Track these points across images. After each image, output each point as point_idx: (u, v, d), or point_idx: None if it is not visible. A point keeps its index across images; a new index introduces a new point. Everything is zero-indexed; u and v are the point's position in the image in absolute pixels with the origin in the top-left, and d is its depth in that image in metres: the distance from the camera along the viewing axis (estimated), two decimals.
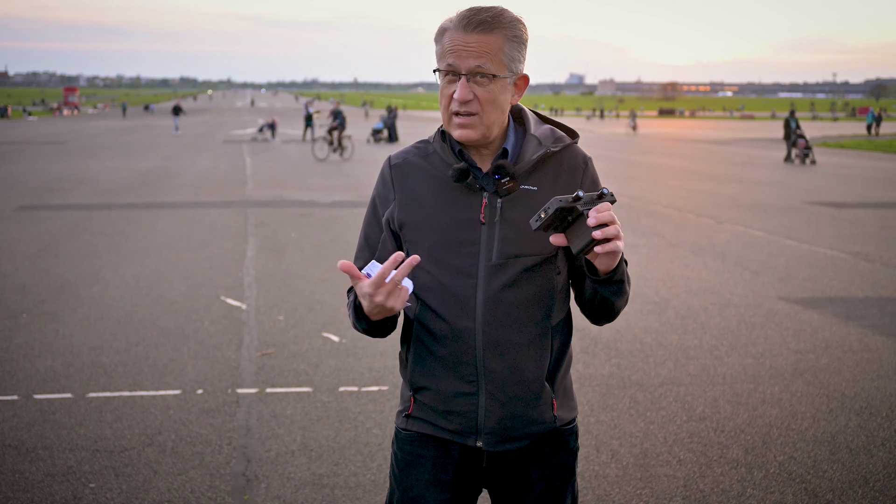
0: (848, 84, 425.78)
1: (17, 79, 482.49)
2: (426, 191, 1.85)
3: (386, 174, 1.92)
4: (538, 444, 1.93)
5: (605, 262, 1.70)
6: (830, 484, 3.87)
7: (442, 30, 1.80)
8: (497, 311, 1.81)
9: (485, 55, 1.75)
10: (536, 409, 1.87)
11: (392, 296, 1.66)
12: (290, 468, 4.01)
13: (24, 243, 10.11)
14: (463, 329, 1.81)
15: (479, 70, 1.75)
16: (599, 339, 6.21)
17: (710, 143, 39.62)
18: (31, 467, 3.97)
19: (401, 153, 1.94)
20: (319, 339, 6.16)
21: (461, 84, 1.75)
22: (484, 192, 1.83)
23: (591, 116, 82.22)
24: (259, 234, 11.07)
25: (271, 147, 31.46)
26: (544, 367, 1.87)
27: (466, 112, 1.77)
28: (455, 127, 1.80)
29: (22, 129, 45.03)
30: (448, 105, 1.80)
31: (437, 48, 1.82)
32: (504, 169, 1.80)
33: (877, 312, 7.08)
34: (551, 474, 1.95)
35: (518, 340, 1.83)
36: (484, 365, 1.82)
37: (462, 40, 1.75)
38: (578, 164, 1.89)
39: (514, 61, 1.79)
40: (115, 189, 16.55)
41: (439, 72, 1.80)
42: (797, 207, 14.46)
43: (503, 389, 1.83)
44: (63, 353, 5.74)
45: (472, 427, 1.86)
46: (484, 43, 1.75)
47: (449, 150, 1.85)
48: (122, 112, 71.67)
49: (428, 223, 1.84)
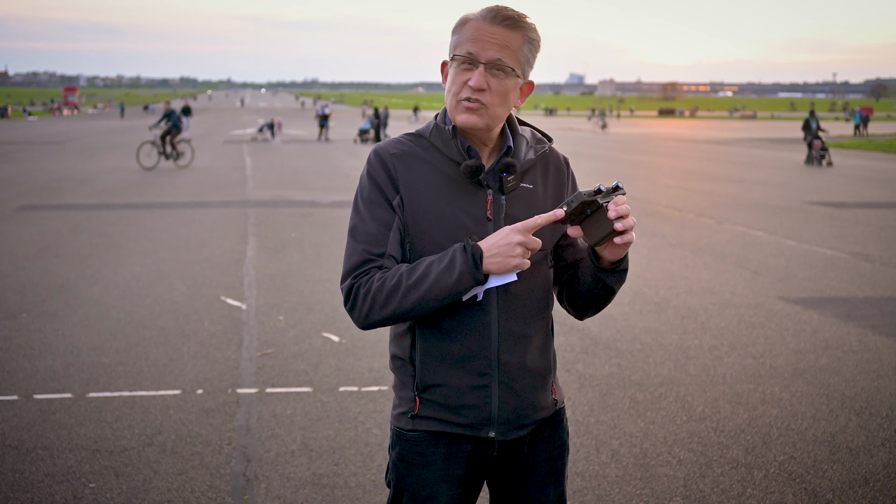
0: (848, 84, 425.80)
1: (17, 79, 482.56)
2: (431, 184, 1.85)
3: (387, 162, 1.87)
4: (540, 427, 1.99)
5: (617, 252, 1.79)
6: (830, 484, 3.87)
7: (464, 20, 1.83)
8: (510, 305, 1.87)
9: (506, 49, 1.79)
10: (543, 394, 1.96)
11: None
12: (290, 468, 4.01)
13: (24, 243, 10.11)
14: (480, 323, 1.85)
15: (498, 63, 1.79)
16: (599, 339, 6.21)
17: (709, 143, 39.63)
18: (31, 467, 3.97)
19: (394, 143, 1.91)
20: (319, 339, 6.16)
21: (478, 71, 1.79)
22: (488, 189, 1.86)
23: (592, 117, 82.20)
24: (259, 234, 11.07)
25: (271, 147, 31.46)
26: (549, 354, 1.97)
27: (477, 99, 1.80)
28: (462, 110, 1.82)
29: (22, 129, 45.03)
30: (459, 91, 1.82)
31: (455, 38, 1.84)
32: (513, 167, 1.85)
33: (877, 312, 7.08)
34: (553, 454, 2.02)
35: (528, 331, 1.90)
36: (498, 357, 1.87)
37: (487, 30, 1.79)
38: (562, 163, 2.00)
39: (527, 64, 1.85)
40: (115, 189, 16.55)
41: (457, 58, 1.82)
42: (797, 207, 14.46)
43: (516, 379, 1.89)
44: (63, 353, 5.74)
45: (485, 419, 1.89)
46: (507, 37, 1.80)
47: (457, 147, 1.85)
48: (120, 112, 71.31)
49: (436, 215, 1.84)
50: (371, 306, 1.79)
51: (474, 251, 1.72)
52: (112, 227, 11.58)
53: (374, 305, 1.79)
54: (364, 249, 1.84)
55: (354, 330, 6.34)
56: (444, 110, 1.91)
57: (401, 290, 1.76)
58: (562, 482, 2.04)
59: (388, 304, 1.77)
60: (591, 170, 21.87)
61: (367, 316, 1.80)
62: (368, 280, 1.81)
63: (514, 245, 1.71)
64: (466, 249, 1.73)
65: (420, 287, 1.75)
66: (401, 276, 1.77)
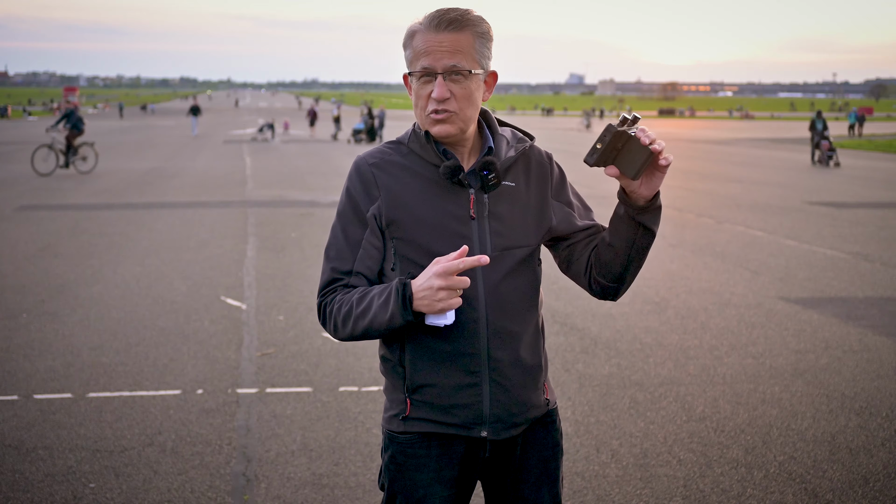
0: (848, 84, 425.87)
1: (17, 79, 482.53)
2: (412, 188, 1.87)
3: (365, 173, 1.89)
4: (533, 428, 1.99)
5: (654, 184, 1.79)
6: (830, 484, 3.87)
7: (411, 32, 1.84)
8: (498, 302, 1.87)
9: (458, 53, 1.80)
10: (535, 393, 1.96)
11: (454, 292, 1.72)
12: (290, 468, 4.01)
13: (24, 243, 10.11)
14: (468, 321, 1.85)
15: (454, 69, 1.79)
16: (599, 339, 6.21)
17: (709, 143, 39.62)
18: (31, 467, 3.97)
19: (374, 153, 1.93)
20: (319, 339, 6.16)
21: (438, 83, 1.79)
22: (470, 188, 1.87)
23: (592, 117, 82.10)
24: (259, 234, 11.07)
25: (271, 147, 31.47)
26: (539, 352, 1.97)
27: (444, 109, 1.81)
28: (432, 123, 1.83)
29: (22, 129, 45.03)
30: (425, 105, 1.83)
31: (408, 52, 1.85)
32: (493, 165, 1.85)
33: (877, 312, 7.08)
34: (546, 455, 2.01)
35: (517, 329, 1.91)
36: (489, 355, 1.87)
37: (435, 39, 1.79)
38: (544, 159, 2.00)
39: (484, 57, 1.85)
40: (115, 189, 16.56)
41: (413, 74, 1.83)
42: (797, 207, 14.47)
43: (507, 377, 1.89)
44: (63, 353, 5.75)
45: (477, 418, 1.89)
46: (456, 41, 1.80)
47: (433, 150, 1.87)
48: (118, 112, 70.98)
49: (419, 219, 1.85)
50: (335, 326, 1.88)
51: (405, 291, 1.74)
52: (112, 227, 11.58)
53: (336, 325, 1.87)
54: (332, 268, 1.92)
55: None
56: None
57: (351, 317, 1.83)
58: (556, 483, 2.03)
59: (345, 327, 1.85)
60: (591, 169, 21.84)
61: (334, 333, 1.89)
62: (332, 299, 1.89)
63: (436, 290, 1.70)
64: (398, 291, 1.75)
65: (364, 318, 1.81)
66: (352, 304, 1.84)
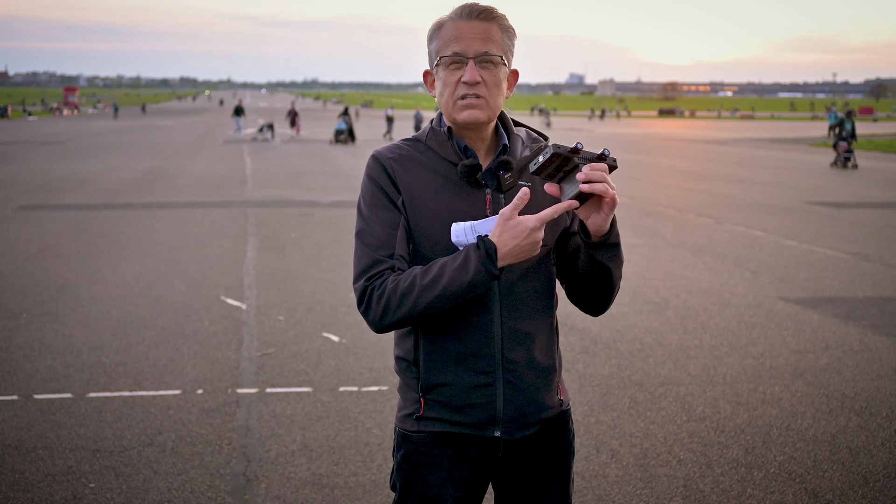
0: (848, 84, 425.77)
1: (17, 79, 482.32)
2: (430, 185, 1.87)
3: (387, 166, 1.89)
4: (546, 429, 1.98)
5: (597, 221, 1.75)
6: (830, 484, 3.87)
7: (439, 24, 1.86)
8: (513, 302, 1.87)
9: (489, 41, 1.82)
10: (548, 394, 1.95)
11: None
12: (290, 468, 4.01)
13: (24, 243, 10.11)
14: (483, 322, 1.85)
15: (485, 55, 1.81)
16: (599, 339, 6.21)
17: (710, 143, 39.63)
18: (31, 467, 3.97)
19: (391, 149, 1.94)
20: (319, 339, 6.16)
21: (470, 66, 1.81)
22: (486, 188, 1.87)
23: (592, 117, 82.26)
24: (259, 234, 11.07)
25: (271, 147, 31.46)
26: (554, 353, 1.97)
27: (475, 94, 1.82)
28: (462, 108, 1.83)
29: (22, 129, 45.03)
30: (453, 91, 1.83)
31: (435, 43, 1.86)
32: (509, 165, 1.85)
33: (877, 312, 7.08)
34: (559, 457, 2.01)
35: (532, 329, 1.90)
36: (503, 355, 1.87)
37: (467, 27, 1.82)
38: None
39: (509, 51, 1.87)
40: (115, 189, 16.55)
41: (444, 60, 1.83)
42: (797, 207, 14.47)
43: (521, 378, 1.89)
44: (63, 353, 5.74)
45: (490, 418, 1.89)
46: (486, 30, 1.83)
47: (453, 147, 1.87)
48: (113, 112, 69.98)
49: (436, 216, 1.85)
50: (385, 308, 1.79)
51: (487, 247, 1.72)
52: (112, 227, 11.58)
53: (388, 307, 1.79)
54: (372, 252, 1.84)
55: (354, 330, 6.34)
56: (440, 115, 1.93)
57: (415, 290, 1.76)
58: (567, 484, 2.03)
59: (403, 305, 1.77)
60: None
61: (381, 318, 1.80)
62: (382, 282, 1.81)
63: (531, 231, 1.72)
64: (479, 246, 1.73)
65: (435, 287, 1.75)
66: (415, 277, 1.78)
